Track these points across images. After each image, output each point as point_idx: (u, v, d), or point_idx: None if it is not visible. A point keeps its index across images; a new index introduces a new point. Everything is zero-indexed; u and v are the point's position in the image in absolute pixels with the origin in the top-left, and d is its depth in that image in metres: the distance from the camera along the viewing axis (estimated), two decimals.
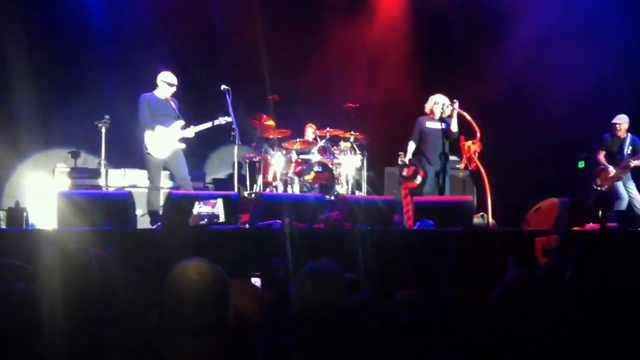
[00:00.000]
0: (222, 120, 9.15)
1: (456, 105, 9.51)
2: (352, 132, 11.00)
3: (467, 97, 9.86)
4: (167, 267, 2.28)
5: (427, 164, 9.52)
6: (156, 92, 9.02)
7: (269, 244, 6.06)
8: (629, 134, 10.07)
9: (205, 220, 3.35)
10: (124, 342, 2.36)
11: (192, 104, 9.76)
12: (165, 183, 9.60)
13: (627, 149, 10.04)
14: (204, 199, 3.38)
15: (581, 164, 10.99)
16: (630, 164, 9.90)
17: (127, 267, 4.04)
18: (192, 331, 2.28)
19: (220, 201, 2.41)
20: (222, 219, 2.56)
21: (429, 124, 9.66)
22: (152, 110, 8.87)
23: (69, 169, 10.01)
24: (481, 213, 8.97)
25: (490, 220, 8.84)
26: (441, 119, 9.65)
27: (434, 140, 9.57)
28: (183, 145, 8.99)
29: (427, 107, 9.74)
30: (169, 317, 2.27)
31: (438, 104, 9.65)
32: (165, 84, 8.97)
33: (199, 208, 3.59)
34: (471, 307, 3.07)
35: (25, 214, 7.66)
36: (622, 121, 10.04)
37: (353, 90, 11.94)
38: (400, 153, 10.96)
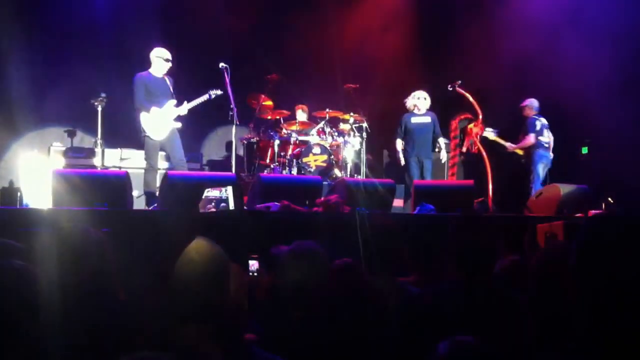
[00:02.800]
0: (213, 94, 9.08)
1: (456, 86, 9.57)
2: (352, 114, 10.98)
3: (469, 78, 9.87)
4: (171, 249, 2.29)
5: (413, 156, 10.01)
6: (151, 70, 8.99)
7: (266, 226, 6.07)
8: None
9: (213, 204, 3.36)
10: (126, 324, 2.37)
11: (189, 82, 9.73)
12: (162, 164, 9.60)
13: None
14: (205, 184, 3.38)
15: (585, 150, 11.00)
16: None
17: (124, 249, 4.06)
18: (193, 311, 2.30)
19: (230, 189, 2.43)
20: (231, 206, 2.57)
21: (415, 120, 10.11)
22: (148, 89, 8.85)
23: (64, 148, 10.01)
24: (482, 198, 9.00)
25: (491, 205, 8.88)
26: (427, 113, 10.07)
27: (421, 136, 10.03)
28: (179, 124, 8.98)
29: (410, 103, 10.18)
30: (172, 298, 2.30)
31: (420, 98, 10.07)
32: (161, 59, 8.94)
33: (206, 192, 3.59)
34: (471, 292, 3.09)
35: (19, 193, 7.67)
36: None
37: (353, 70, 11.91)
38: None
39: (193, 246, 2.32)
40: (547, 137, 9.94)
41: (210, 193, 3.89)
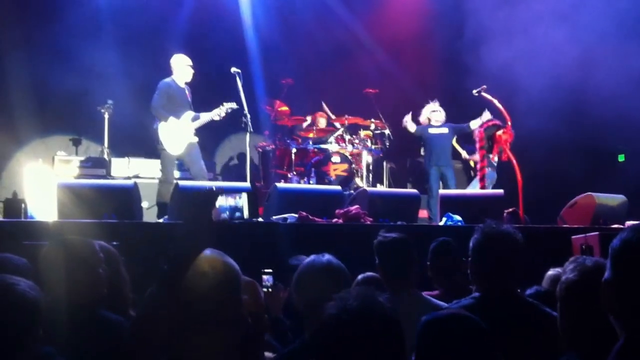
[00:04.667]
0: (226, 109, 9.06)
1: (482, 92, 9.60)
2: (372, 120, 10.98)
3: (495, 81, 9.88)
4: (184, 262, 2.31)
5: (432, 165, 10.25)
6: (175, 78, 8.99)
7: (283, 238, 6.09)
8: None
9: (227, 213, 3.37)
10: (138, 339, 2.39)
11: (201, 89, 9.75)
12: (175, 174, 9.62)
13: None
14: (230, 192, 3.41)
15: (621, 158, 10.93)
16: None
17: (134, 262, 4.09)
18: (207, 326, 2.32)
19: (244, 196, 2.43)
20: (245, 214, 2.58)
21: (432, 130, 10.37)
22: (171, 98, 8.83)
23: (70, 158, 10.06)
24: (513, 208, 8.95)
25: (523, 215, 8.83)
26: (444, 124, 10.38)
27: (439, 145, 10.30)
28: (196, 139, 8.97)
29: (423, 117, 10.48)
30: (184, 311, 2.31)
31: (436, 111, 10.39)
32: (187, 66, 8.95)
33: (220, 201, 3.61)
34: (495, 308, 3.07)
35: (23, 205, 7.71)
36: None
37: (373, 74, 11.93)
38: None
39: (204, 259, 2.33)
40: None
41: (225, 201, 3.90)
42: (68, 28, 10.61)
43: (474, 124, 10.13)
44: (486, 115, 9.91)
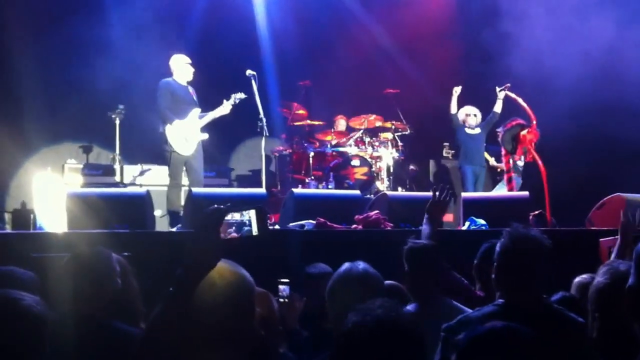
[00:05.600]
0: (235, 99, 9.07)
1: (506, 90, 9.62)
2: (393, 122, 10.95)
3: (518, 77, 9.86)
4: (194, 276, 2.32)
5: (468, 164, 10.42)
6: (175, 78, 9.03)
7: (300, 246, 6.07)
8: None
9: (234, 228, 3.37)
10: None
11: (213, 91, 9.75)
12: (185, 180, 9.62)
13: None
14: (238, 209, 3.44)
15: None
16: None
17: (146, 274, 4.09)
18: (218, 340, 2.32)
19: (252, 213, 2.43)
20: (254, 231, 2.58)
21: (468, 131, 10.52)
22: (174, 96, 8.86)
23: (80, 165, 10.07)
24: (539, 211, 8.90)
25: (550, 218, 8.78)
26: (478, 125, 10.53)
27: (474, 147, 10.48)
28: (206, 135, 9.00)
29: (460, 116, 10.57)
30: (193, 324, 2.31)
31: (470, 115, 10.55)
32: (186, 65, 8.98)
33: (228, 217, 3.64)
34: (524, 314, 3.04)
35: (32, 215, 7.75)
36: None
37: (392, 74, 11.91)
38: (445, 144, 11.01)
39: (216, 270, 2.33)
40: None
41: (231, 217, 3.92)
42: (77, 33, 10.66)
43: (498, 107, 10.31)
44: (501, 94, 9.97)
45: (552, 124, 9.78)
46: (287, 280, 4.07)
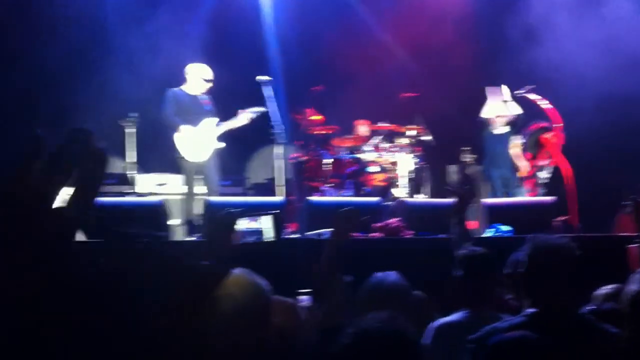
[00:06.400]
0: (255, 112, 9.10)
1: (526, 92, 9.56)
2: (411, 126, 10.88)
3: (539, 74, 9.81)
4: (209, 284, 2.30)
5: (492, 169, 10.26)
6: (185, 87, 9.07)
7: (317, 256, 6.03)
8: None
9: (247, 237, 3.35)
10: None
11: (223, 99, 9.76)
12: (201, 189, 9.63)
13: None
14: (252, 214, 3.40)
15: None
16: None
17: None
18: (234, 353, 2.30)
19: (268, 219, 2.40)
20: (271, 237, 2.55)
21: (494, 131, 10.41)
22: (180, 106, 8.92)
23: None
24: (565, 216, 8.85)
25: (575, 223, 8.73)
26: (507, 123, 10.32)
27: (499, 147, 10.28)
28: (223, 144, 9.03)
29: (486, 114, 10.44)
30: (210, 335, 2.30)
31: (501, 115, 10.30)
32: (199, 78, 9.02)
33: (242, 225, 3.58)
34: (554, 324, 3.01)
35: None
36: None
37: (408, 78, 11.88)
38: (464, 149, 10.95)
39: (232, 279, 2.32)
40: None
41: (245, 225, 3.87)
42: (89, 40, 10.71)
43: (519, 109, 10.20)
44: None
45: (576, 126, 9.71)
46: (307, 290, 4.05)
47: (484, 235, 7.74)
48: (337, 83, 11.56)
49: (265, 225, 3.13)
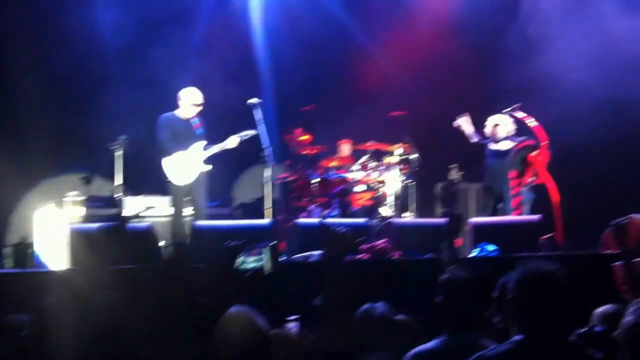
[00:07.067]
0: (243, 135, 9.16)
1: (513, 110, 9.57)
2: (399, 145, 10.88)
3: (526, 91, 9.86)
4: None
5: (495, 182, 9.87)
6: (177, 112, 9.15)
7: (305, 279, 6.04)
8: None
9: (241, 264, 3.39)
10: None
11: (217, 120, 9.80)
12: (188, 210, 9.63)
13: None
14: (250, 247, 3.42)
15: None
16: None
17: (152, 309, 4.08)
18: None
19: (267, 250, 2.44)
20: (269, 268, 2.58)
21: (493, 146, 9.98)
22: (173, 132, 8.99)
23: (81, 198, 10.05)
24: (550, 234, 8.89)
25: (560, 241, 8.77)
26: (506, 138, 9.92)
27: (497, 163, 9.85)
28: (209, 167, 9.09)
29: (488, 129, 10.02)
30: None
31: (499, 124, 9.90)
32: (192, 105, 9.10)
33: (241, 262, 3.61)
34: (542, 352, 3.04)
35: (31, 250, 7.76)
36: None
37: (396, 97, 11.91)
38: (452, 166, 10.96)
39: (229, 318, 2.34)
40: None
41: (246, 263, 3.89)
42: (78, 62, 10.73)
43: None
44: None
45: (561, 140, 9.75)
46: (296, 317, 4.07)
47: (470, 255, 7.75)
48: (326, 104, 11.60)
49: (264, 257, 3.16)
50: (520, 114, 9.66)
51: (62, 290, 4.80)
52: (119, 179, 9.32)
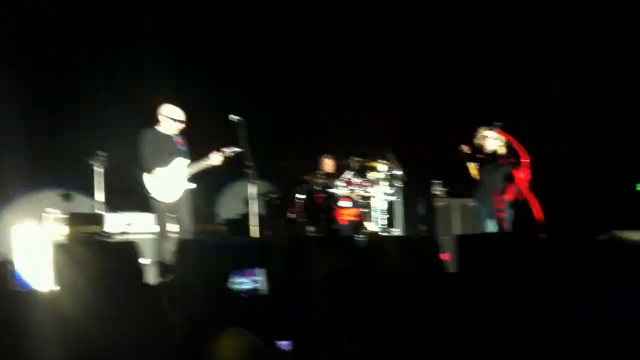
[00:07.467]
0: (228, 152, 9.13)
1: (495, 129, 9.58)
2: (384, 160, 10.91)
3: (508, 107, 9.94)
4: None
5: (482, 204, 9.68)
6: (159, 128, 9.05)
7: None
8: None
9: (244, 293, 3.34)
10: None
11: (200, 138, 9.75)
12: (173, 228, 9.56)
13: None
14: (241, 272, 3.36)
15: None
16: None
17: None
18: None
19: (262, 272, 2.40)
20: (264, 290, 2.54)
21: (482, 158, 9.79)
22: (156, 147, 8.87)
23: (61, 215, 9.97)
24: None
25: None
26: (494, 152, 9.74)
27: (487, 180, 9.66)
28: (193, 185, 9.01)
29: (477, 140, 9.78)
30: None
31: (488, 137, 9.68)
32: (169, 119, 8.99)
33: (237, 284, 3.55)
34: None
35: (11, 268, 7.65)
36: None
37: (382, 111, 11.97)
38: (435, 182, 10.96)
39: (225, 342, 2.30)
40: None
41: (241, 284, 3.85)
42: (57, 78, 10.69)
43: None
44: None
45: (544, 159, 9.81)
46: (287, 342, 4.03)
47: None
48: (310, 118, 11.65)
49: (259, 279, 3.10)
50: (501, 132, 9.70)
51: (47, 311, 4.73)
52: (99, 196, 9.23)
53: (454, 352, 4.08)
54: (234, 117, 9.22)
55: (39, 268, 8.06)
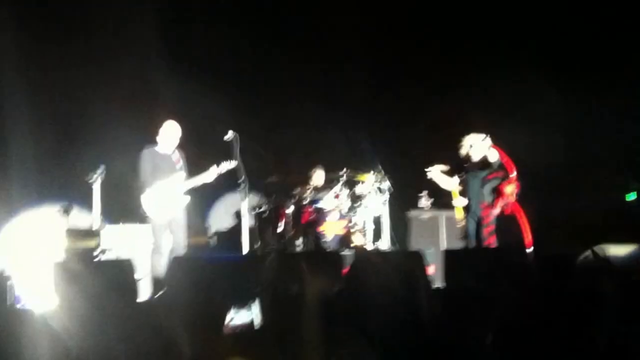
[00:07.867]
0: (222, 168, 9.29)
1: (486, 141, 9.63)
2: (373, 172, 10.99)
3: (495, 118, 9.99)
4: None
5: (469, 214, 9.64)
6: (158, 147, 9.22)
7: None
8: None
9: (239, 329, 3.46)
10: None
11: (195, 153, 9.89)
12: (168, 243, 9.66)
13: None
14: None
15: (630, 196, 10.85)
16: None
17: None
18: None
19: (256, 304, 2.52)
20: (259, 323, 2.64)
21: (471, 171, 9.69)
22: (154, 166, 9.04)
23: (60, 229, 10.02)
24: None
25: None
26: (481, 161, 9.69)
27: (473, 187, 9.65)
28: (188, 198, 9.15)
29: (462, 151, 9.67)
30: None
31: (474, 146, 9.57)
32: (171, 137, 9.18)
33: (232, 319, 3.66)
34: None
35: (9, 284, 7.73)
36: None
37: (369, 122, 12.04)
38: (421, 194, 11.01)
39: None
40: None
41: (236, 317, 3.97)
42: (56, 93, 10.76)
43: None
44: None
45: (531, 172, 9.88)
46: None
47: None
48: (297, 131, 11.71)
49: (254, 311, 3.23)
50: (489, 144, 9.75)
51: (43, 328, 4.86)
52: (97, 210, 9.34)
53: None
54: (229, 134, 9.36)
55: (36, 284, 8.16)
